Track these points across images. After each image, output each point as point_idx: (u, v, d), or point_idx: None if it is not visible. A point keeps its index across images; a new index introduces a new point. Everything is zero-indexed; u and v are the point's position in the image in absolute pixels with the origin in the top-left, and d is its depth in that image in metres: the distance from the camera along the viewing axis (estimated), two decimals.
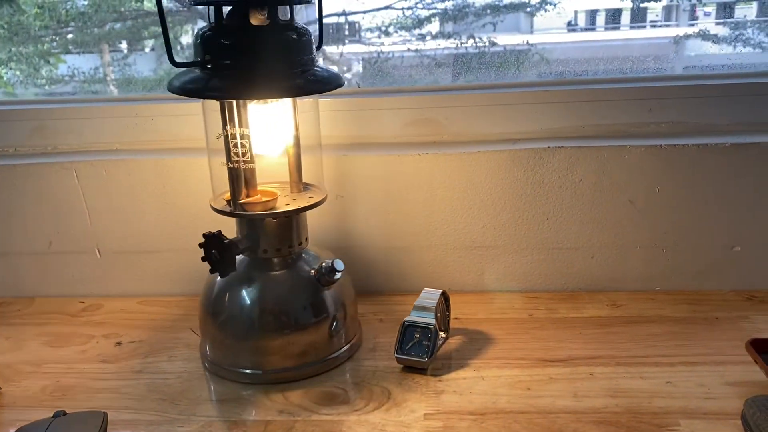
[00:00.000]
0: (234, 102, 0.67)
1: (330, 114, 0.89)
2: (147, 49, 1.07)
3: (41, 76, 1.05)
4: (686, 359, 0.72)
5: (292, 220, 0.71)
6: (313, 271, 0.71)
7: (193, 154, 0.88)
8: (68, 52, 1.05)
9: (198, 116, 0.90)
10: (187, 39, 1.08)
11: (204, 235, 0.66)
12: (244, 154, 0.69)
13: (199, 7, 0.96)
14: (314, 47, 0.66)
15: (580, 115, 0.87)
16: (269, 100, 0.69)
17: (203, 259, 0.67)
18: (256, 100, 0.68)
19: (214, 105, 0.70)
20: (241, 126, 0.68)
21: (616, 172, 0.84)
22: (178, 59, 0.63)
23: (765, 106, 0.85)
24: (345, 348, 0.74)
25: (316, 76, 0.64)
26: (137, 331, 0.84)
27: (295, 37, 0.64)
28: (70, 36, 1.04)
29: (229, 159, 0.69)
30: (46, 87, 1.05)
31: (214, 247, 0.66)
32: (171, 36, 1.06)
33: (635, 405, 0.64)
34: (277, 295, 0.70)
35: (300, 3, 0.64)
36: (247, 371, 0.70)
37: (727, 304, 0.84)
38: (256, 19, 0.63)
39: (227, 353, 0.71)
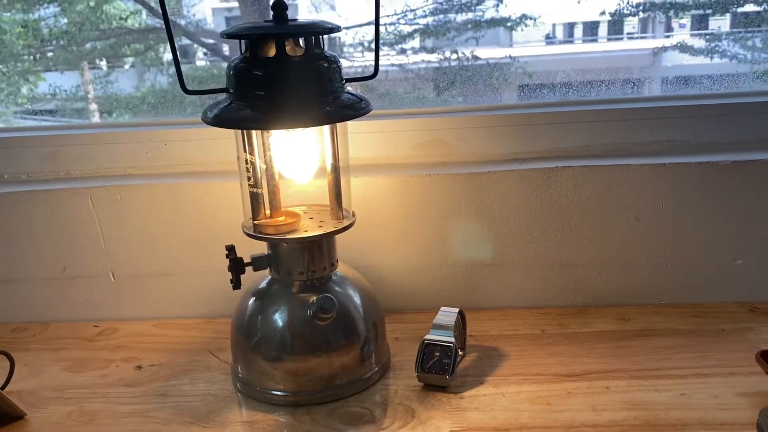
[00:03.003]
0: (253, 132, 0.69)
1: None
2: (127, 66, 1.08)
3: (22, 95, 1.05)
4: (698, 371, 0.74)
5: (321, 243, 0.73)
6: (310, 307, 0.70)
7: (206, 178, 0.90)
8: (48, 70, 1.05)
9: (210, 140, 0.92)
10: (168, 56, 1.09)
11: (226, 247, 0.72)
12: (249, 178, 0.71)
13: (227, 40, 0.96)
14: (342, 74, 0.68)
15: (586, 135, 0.90)
16: (291, 129, 0.71)
17: (229, 268, 0.71)
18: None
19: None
20: (251, 153, 0.70)
21: (622, 190, 0.87)
22: (160, 77, 0.65)
23: (763, 124, 0.89)
24: (376, 369, 0.75)
25: (345, 102, 0.66)
26: (156, 354, 0.84)
27: (325, 64, 0.66)
28: (50, 54, 1.04)
29: (248, 182, 0.72)
30: (27, 105, 1.05)
31: (230, 259, 0.71)
32: (153, 54, 1.08)
33: (653, 417, 0.66)
34: (307, 318, 0.71)
35: (330, 33, 0.66)
36: (280, 393, 0.71)
37: (732, 316, 0.87)
38: (271, 51, 0.64)
39: (260, 375, 0.72)
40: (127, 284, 0.93)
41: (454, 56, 1.02)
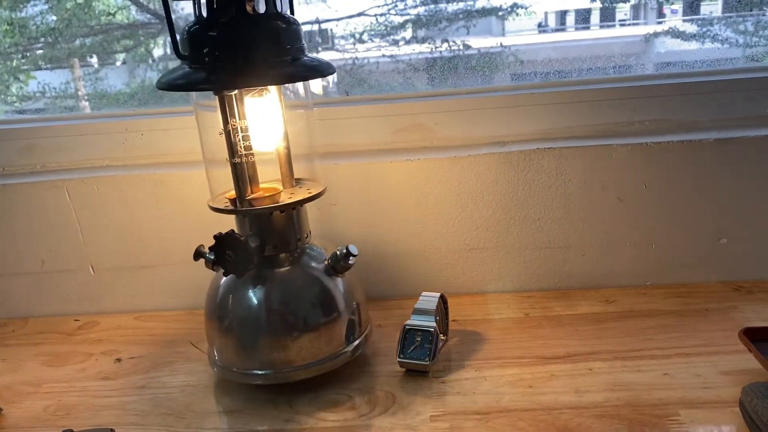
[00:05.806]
0: (233, 95, 0.66)
1: (320, 123, 0.90)
2: (118, 63, 1.07)
3: (11, 93, 1.04)
4: (681, 351, 0.74)
5: (295, 213, 0.71)
6: (326, 261, 0.71)
7: (185, 168, 0.88)
8: (38, 68, 1.04)
9: (188, 129, 0.91)
10: (158, 51, 1.08)
11: (215, 237, 0.65)
12: (248, 147, 0.68)
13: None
14: (302, 37, 0.66)
15: (568, 117, 0.89)
16: (263, 94, 0.69)
17: (215, 262, 0.66)
18: (251, 95, 0.68)
19: (206, 101, 0.70)
20: (241, 118, 0.67)
21: (604, 171, 0.86)
22: (150, 73, 0.63)
23: (744, 102, 0.88)
24: (357, 341, 0.73)
25: (307, 63, 0.65)
26: (136, 346, 0.84)
27: (284, 25, 0.64)
28: (40, 52, 1.03)
29: (233, 155, 0.67)
30: (17, 104, 1.04)
31: (228, 247, 0.65)
32: (142, 49, 1.07)
33: (635, 398, 0.66)
34: (285, 292, 0.69)
35: None
36: (258, 372, 0.69)
37: (716, 295, 0.86)
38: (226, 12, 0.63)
39: (236, 355, 0.70)
40: (107, 277, 0.92)
41: (445, 46, 1.01)
